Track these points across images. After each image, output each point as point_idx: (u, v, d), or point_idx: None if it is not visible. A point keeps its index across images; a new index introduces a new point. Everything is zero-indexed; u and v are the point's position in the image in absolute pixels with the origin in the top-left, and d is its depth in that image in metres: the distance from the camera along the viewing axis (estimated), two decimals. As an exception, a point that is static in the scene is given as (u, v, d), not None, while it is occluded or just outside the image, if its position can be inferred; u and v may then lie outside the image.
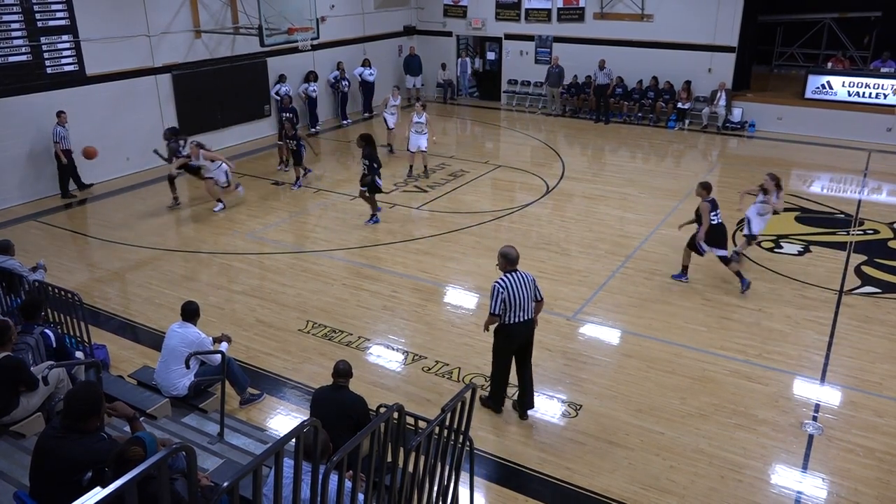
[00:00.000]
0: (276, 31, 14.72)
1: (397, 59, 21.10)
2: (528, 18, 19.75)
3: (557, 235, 11.07)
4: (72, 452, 3.86)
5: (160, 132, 13.11)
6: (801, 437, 6.34)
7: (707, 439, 6.28)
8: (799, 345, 7.86)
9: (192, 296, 8.33)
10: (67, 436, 3.93)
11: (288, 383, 7.27)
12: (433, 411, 4.98)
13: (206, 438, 5.90)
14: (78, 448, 3.88)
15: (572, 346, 7.92)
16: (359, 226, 11.51)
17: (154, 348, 7.63)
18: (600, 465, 5.99)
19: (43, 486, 3.92)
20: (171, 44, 14.58)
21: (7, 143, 12.21)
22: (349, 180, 14.06)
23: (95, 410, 3.96)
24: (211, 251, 10.65)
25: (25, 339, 5.89)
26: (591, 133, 17.84)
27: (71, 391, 4.25)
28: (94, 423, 3.95)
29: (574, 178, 13.91)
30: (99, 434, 3.98)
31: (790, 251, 10.37)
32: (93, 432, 3.95)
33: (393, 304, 8.94)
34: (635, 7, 18.04)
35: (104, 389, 5.74)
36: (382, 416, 3.78)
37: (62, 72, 12.84)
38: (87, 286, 9.38)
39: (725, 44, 17.24)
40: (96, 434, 3.97)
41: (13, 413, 5.42)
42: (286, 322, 8.50)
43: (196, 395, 6.61)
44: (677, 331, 8.17)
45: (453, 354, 7.72)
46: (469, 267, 10.01)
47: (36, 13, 12.28)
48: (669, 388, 7.07)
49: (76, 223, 11.87)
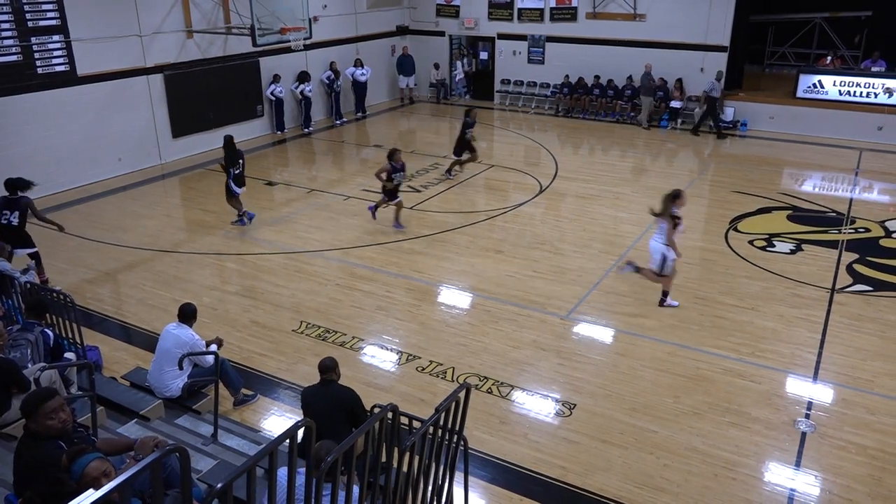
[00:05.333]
0: (268, 30, 14.67)
1: (390, 59, 21.07)
2: (520, 18, 19.76)
3: (551, 235, 11.08)
4: (31, 457, 3.92)
5: (152, 132, 13.00)
6: (794, 435, 6.37)
7: (701, 437, 6.31)
8: (791, 343, 7.89)
9: (186, 297, 8.31)
10: (27, 441, 4.01)
11: (282, 384, 7.26)
12: (427, 411, 4.96)
13: (199, 440, 5.89)
14: (33, 454, 3.93)
15: (566, 346, 7.93)
16: (352, 226, 11.50)
17: (147, 349, 7.60)
18: (594, 464, 6.00)
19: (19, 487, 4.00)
20: (162, 44, 14.52)
21: (5, 142, 12.14)
22: (342, 181, 14.05)
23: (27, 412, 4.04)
24: (204, 252, 10.62)
25: (26, 336, 5.89)
26: (583, 132, 17.88)
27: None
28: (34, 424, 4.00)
29: (567, 178, 13.93)
30: (56, 441, 3.99)
31: (782, 250, 10.41)
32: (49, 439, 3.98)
33: (387, 304, 8.93)
34: (628, 7, 18.08)
35: (97, 391, 5.73)
36: (377, 415, 3.77)
37: (53, 72, 12.77)
38: (80, 287, 9.33)
39: (717, 43, 17.31)
40: (53, 441, 3.99)
41: (5, 415, 5.40)
42: (280, 322, 8.48)
43: (189, 397, 6.60)
44: (671, 329, 8.19)
45: (447, 354, 7.72)
46: (463, 267, 10.01)
47: (26, 13, 12.21)
48: (663, 386, 7.09)
49: (69, 224, 11.78)
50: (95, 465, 3.50)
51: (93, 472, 3.45)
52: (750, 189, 13.03)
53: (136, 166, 14.34)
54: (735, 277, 9.52)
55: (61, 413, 4.02)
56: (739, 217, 11.68)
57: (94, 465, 3.49)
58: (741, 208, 12.07)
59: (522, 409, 6.81)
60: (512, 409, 6.80)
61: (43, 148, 12.66)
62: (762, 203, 12.35)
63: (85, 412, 5.43)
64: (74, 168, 13.14)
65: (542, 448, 6.23)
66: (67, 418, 4.09)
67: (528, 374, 7.35)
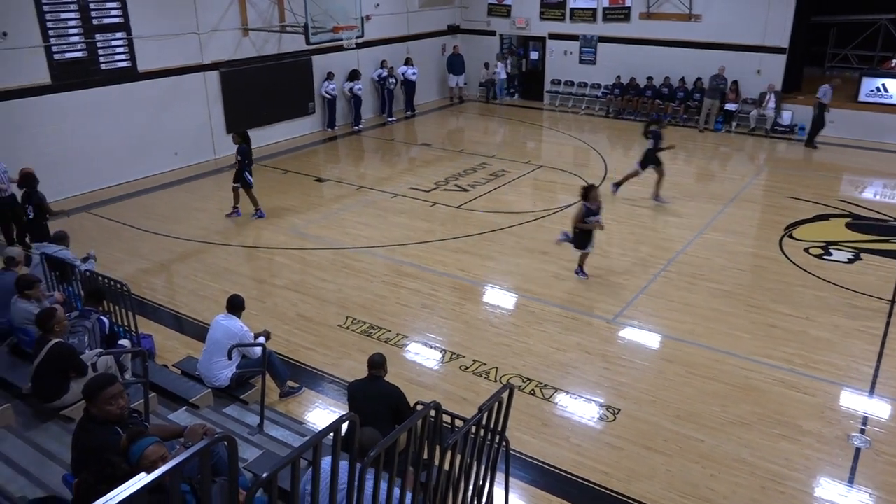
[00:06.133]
0: (321, 29, 14.88)
1: (440, 58, 21.13)
2: (573, 18, 19.58)
3: (598, 237, 10.91)
4: (88, 440, 4.06)
5: (207, 128, 13.27)
6: (848, 450, 6.16)
7: (749, 449, 6.15)
8: (847, 355, 7.63)
9: (235, 289, 8.48)
10: (86, 425, 4.15)
11: (326, 377, 7.36)
12: (469, 410, 4.97)
13: (246, 429, 6.01)
14: (91, 438, 4.07)
15: (612, 350, 7.83)
16: (399, 223, 11.58)
17: (198, 339, 7.80)
18: (637, 471, 5.91)
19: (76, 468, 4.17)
20: (219, 41, 14.87)
21: (69, 135, 12.61)
22: (390, 178, 14.16)
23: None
24: (254, 245, 10.84)
25: (83, 323, 6.11)
26: (634, 134, 17.55)
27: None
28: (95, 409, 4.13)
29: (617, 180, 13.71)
30: (113, 427, 4.12)
31: (840, 259, 10.07)
32: (108, 424, 4.12)
33: (432, 302, 8.97)
34: (683, 7, 17.73)
35: (149, 378, 5.91)
36: (420, 412, 3.79)
37: (115, 68, 13.20)
38: (135, 276, 9.62)
39: (776, 44, 16.83)
40: (111, 426, 4.12)
41: (63, 398, 5.62)
42: (326, 317, 8.60)
43: (237, 387, 6.75)
44: (720, 337, 8.02)
45: (491, 354, 7.71)
46: (508, 267, 9.98)
47: (92, 11, 12.65)
48: (710, 394, 6.94)
49: (126, 215, 12.18)
50: (153, 449, 3.62)
51: (150, 455, 3.57)
52: (807, 195, 12.65)
53: (190, 160, 14.71)
54: (789, 286, 9.26)
55: (120, 399, 4.16)
56: (795, 223, 11.34)
57: (151, 449, 3.61)
58: (797, 214, 11.73)
59: (565, 412, 6.75)
60: (555, 412, 6.75)
61: (103, 141, 13.10)
62: (819, 210, 11.97)
63: (137, 398, 5.60)
64: (132, 161, 13.55)
65: (584, 452, 6.17)
66: (125, 404, 4.23)
67: (571, 377, 7.28)
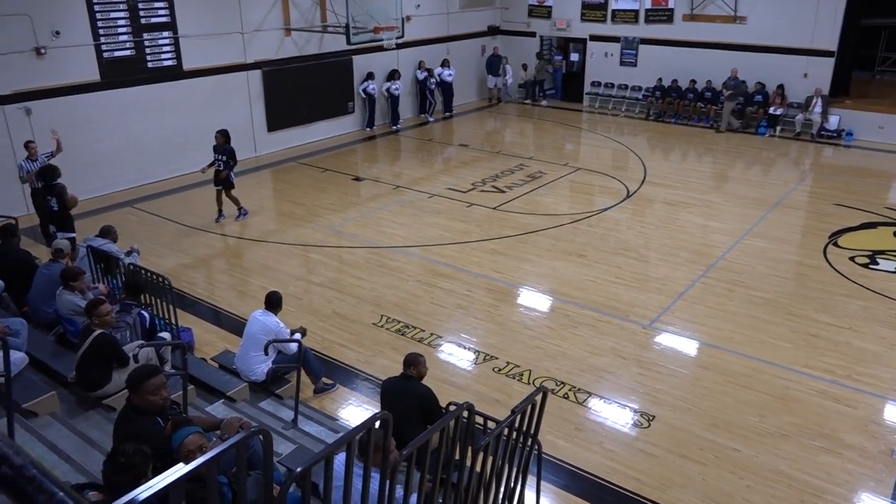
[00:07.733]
0: (362, 29, 15.01)
1: (479, 59, 21.12)
2: (614, 19, 19.39)
3: (636, 241, 10.83)
4: (130, 429, 4.13)
5: (249, 126, 13.51)
6: (892, 466, 5.98)
7: (787, 460, 6.02)
8: (893, 367, 7.41)
9: (273, 285, 8.61)
10: (129, 414, 4.23)
11: (360, 375, 7.41)
12: (502, 412, 4.96)
13: (280, 423, 6.09)
14: (133, 427, 4.15)
15: (647, 356, 7.73)
16: (435, 223, 11.61)
17: (235, 333, 7.93)
18: (672, 479, 5.83)
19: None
20: (262, 41, 15.10)
21: (112, 132, 12.94)
22: (427, 178, 14.20)
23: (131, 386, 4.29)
24: (291, 243, 10.98)
25: (125, 318, 6.28)
26: (675, 137, 17.34)
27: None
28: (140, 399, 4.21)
29: (656, 184, 13.56)
30: (154, 417, 4.21)
31: (887, 268, 9.79)
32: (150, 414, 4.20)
33: (466, 302, 8.97)
34: (728, 8, 17.42)
35: (188, 371, 6.03)
36: (453, 413, 3.79)
37: (162, 66, 13.51)
38: (176, 271, 9.83)
39: (824, 48, 16.42)
40: (152, 417, 4.20)
41: (106, 387, 5.77)
42: (361, 315, 8.66)
43: (273, 382, 6.84)
44: (759, 345, 7.85)
45: (524, 356, 7.68)
46: (544, 269, 9.93)
47: (140, 10, 12.97)
48: (748, 404, 6.81)
49: (169, 211, 12.45)
50: (194, 438, 3.71)
51: (190, 444, 3.66)
52: (853, 202, 12.31)
53: (231, 158, 14.95)
54: (832, 295, 9.03)
55: (163, 391, 4.26)
56: (840, 231, 11.05)
57: (192, 439, 3.70)
58: (842, 222, 11.42)
59: (599, 417, 6.69)
60: (588, 417, 6.69)
61: (147, 137, 13.41)
62: (866, 217, 11.64)
63: (176, 390, 5.71)
64: (175, 157, 13.82)
65: (617, 458, 6.11)
66: (168, 396, 4.32)
67: (606, 382, 7.22)
